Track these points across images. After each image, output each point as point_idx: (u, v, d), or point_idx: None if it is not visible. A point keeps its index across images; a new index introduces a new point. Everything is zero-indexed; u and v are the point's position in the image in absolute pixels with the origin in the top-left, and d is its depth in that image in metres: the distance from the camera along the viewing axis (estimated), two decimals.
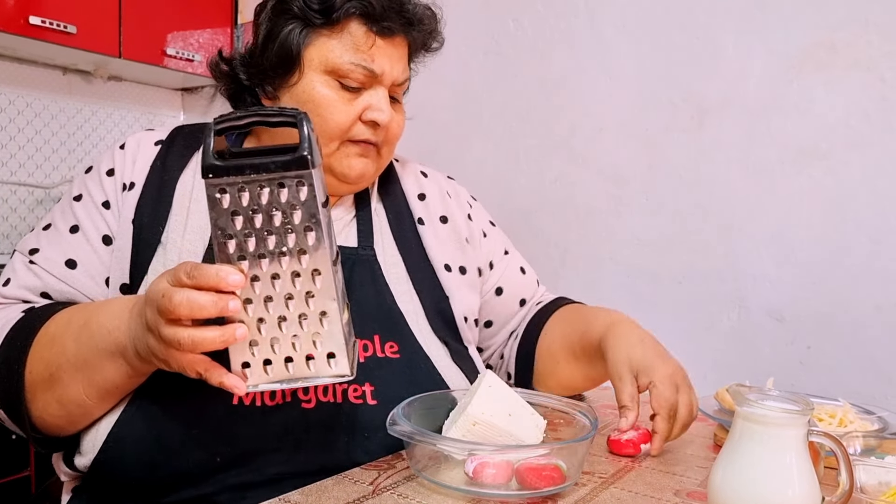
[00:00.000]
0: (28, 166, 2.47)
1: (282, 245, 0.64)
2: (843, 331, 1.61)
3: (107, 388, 0.77)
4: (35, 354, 0.78)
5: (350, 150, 0.90)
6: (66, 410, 0.78)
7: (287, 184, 0.62)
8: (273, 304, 0.65)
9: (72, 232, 0.88)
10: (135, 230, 0.87)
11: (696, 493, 0.76)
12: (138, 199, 0.88)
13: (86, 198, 0.90)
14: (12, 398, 0.78)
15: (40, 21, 2.10)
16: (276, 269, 0.64)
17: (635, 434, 0.88)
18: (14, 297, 0.86)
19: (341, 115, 0.88)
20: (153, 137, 0.94)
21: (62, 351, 0.77)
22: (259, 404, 0.80)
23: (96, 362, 0.75)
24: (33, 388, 0.78)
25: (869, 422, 0.95)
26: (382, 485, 0.74)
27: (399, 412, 0.75)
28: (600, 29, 1.96)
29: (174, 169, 0.91)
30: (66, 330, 0.78)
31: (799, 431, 0.63)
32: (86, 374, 0.76)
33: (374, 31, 0.88)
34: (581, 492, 0.74)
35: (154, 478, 0.78)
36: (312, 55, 0.88)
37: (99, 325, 0.75)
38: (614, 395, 0.92)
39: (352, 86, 0.88)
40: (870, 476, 0.72)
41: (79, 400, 0.77)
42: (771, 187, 1.70)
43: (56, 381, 0.77)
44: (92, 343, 0.75)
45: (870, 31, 1.57)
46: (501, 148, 2.15)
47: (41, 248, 0.87)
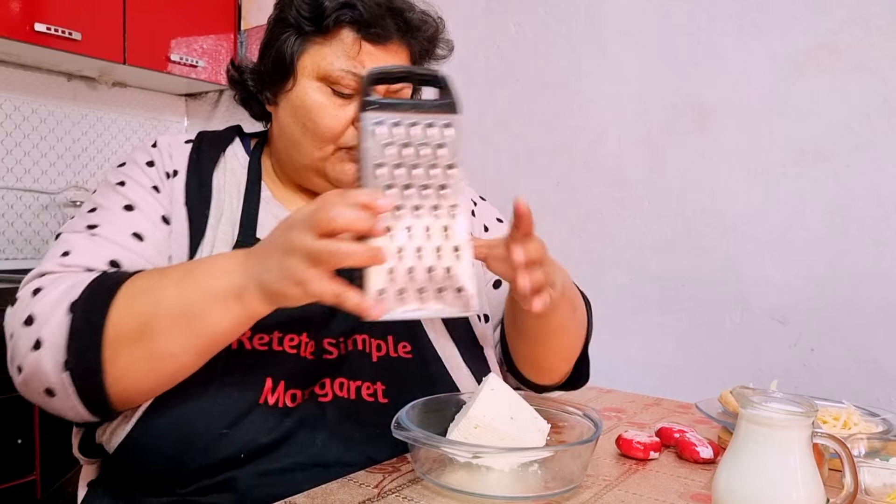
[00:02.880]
0: (33, 172, 2.48)
1: (426, 178, 0.69)
2: (846, 333, 1.60)
3: (210, 337, 0.74)
4: (123, 306, 0.73)
5: (344, 156, 0.92)
6: (156, 366, 0.74)
7: (436, 124, 0.70)
8: (412, 234, 0.69)
9: (127, 210, 0.87)
10: (188, 213, 0.89)
11: (700, 495, 0.76)
12: (185, 184, 0.91)
13: (131, 183, 0.89)
14: (88, 355, 0.72)
15: (45, 28, 2.11)
16: (418, 202, 0.69)
17: (647, 439, 0.88)
18: (77, 266, 0.80)
19: (332, 121, 0.90)
20: (181, 138, 0.98)
21: (159, 299, 0.73)
22: (281, 405, 0.81)
23: (203, 307, 0.72)
24: (117, 342, 0.73)
25: (873, 424, 0.95)
26: (387, 487, 0.74)
27: (404, 415, 0.76)
28: (601, 32, 1.97)
29: (207, 162, 0.95)
30: (162, 280, 0.74)
31: (803, 433, 0.63)
32: (188, 321, 0.72)
33: (364, 38, 0.90)
34: (585, 495, 0.75)
35: (177, 472, 0.79)
36: (306, 63, 0.91)
37: (204, 272, 0.73)
38: None
39: (344, 92, 0.90)
40: (874, 478, 0.72)
41: (174, 352, 0.73)
42: (773, 189, 1.70)
43: (150, 332, 0.72)
44: (198, 288, 0.72)
45: (871, 34, 1.57)
46: (503, 152, 2.15)
47: (99, 224, 0.84)
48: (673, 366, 1.83)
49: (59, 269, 0.80)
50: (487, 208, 1.15)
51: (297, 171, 0.96)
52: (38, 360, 0.73)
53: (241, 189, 0.95)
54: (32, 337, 0.73)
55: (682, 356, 1.83)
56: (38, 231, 2.49)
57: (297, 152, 0.94)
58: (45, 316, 0.73)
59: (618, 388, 1.31)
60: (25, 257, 2.46)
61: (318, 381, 0.84)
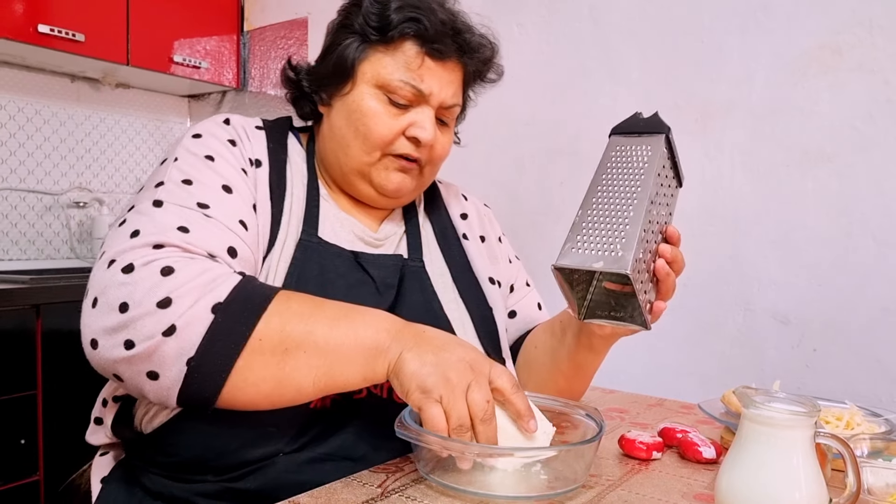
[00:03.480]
0: (37, 173, 2.48)
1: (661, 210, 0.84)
2: (849, 333, 1.60)
3: (336, 382, 0.74)
4: (272, 323, 0.72)
5: (390, 164, 0.95)
6: (280, 391, 0.73)
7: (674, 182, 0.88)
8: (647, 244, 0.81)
9: (226, 191, 0.84)
10: (271, 207, 0.89)
11: (703, 495, 0.76)
12: (269, 176, 0.91)
13: (220, 160, 0.86)
14: (219, 359, 0.71)
15: (49, 29, 2.12)
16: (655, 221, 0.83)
17: (650, 439, 0.88)
18: (201, 248, 0.77)
19: (384, 128, 0.92)
20: (251, 122, 0.95)
21: (310, 331, 0.73)
22: (320, 407, 0.83)
23: (346, 353, 0.73)
24: (255, 355, 0.72)
25: (876, 424, 0.95)
26: (391, 487, 0.74)
27: (407, 414, 0.76)
28: (604, 33, 1.97)
29: (281, 154, 0.95)
30: (317, 312, 0.74)
31: (806, 433, 0.63)
32: (328, 361, 0.73)
33: (425, 52, 0.92)
34: (588, 494, 0.75)
35: (215, 460, 0.80)
36: (366, 69, 0.94)
37: (365, 323, 0.74)
38: None
39: (399, 102, 0.93)
40: (877, 478, 0.72)
41: (302, 385, 0.73)
42: (776, 190, 1.70)
43: (289, 358, 0.72)
44: (351, 334, 0.73)
45: (874, 34, 1.57)
46: (507, 151, 2.16)
47: (209, 203, 0.81)
48: (675, 366, 1.83)
49: (183, 246, 0.76)
50: (507, 245, 1.20)
51: (342, 173, 0.97)
52: (162, 344, 0.70)
53: (303, 184, 0.96)
54: (165, 321, 0.70)
55: (685, 356, 1.82)
56: (41, 232, 2.50)
57: (344, 155, 0.95)
58: (185, 305, 0.70)
59: (620, 388, 1.31)
60: (29, 258, 2.47)
61: None
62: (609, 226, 0.79)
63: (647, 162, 0.82)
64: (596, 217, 0.80)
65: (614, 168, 0.84)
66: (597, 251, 0.77)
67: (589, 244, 0.79)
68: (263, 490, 0.79)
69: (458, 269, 1.03)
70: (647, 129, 0.84)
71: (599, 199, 0.82)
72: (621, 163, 0.84)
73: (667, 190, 0.85)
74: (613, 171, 0.83)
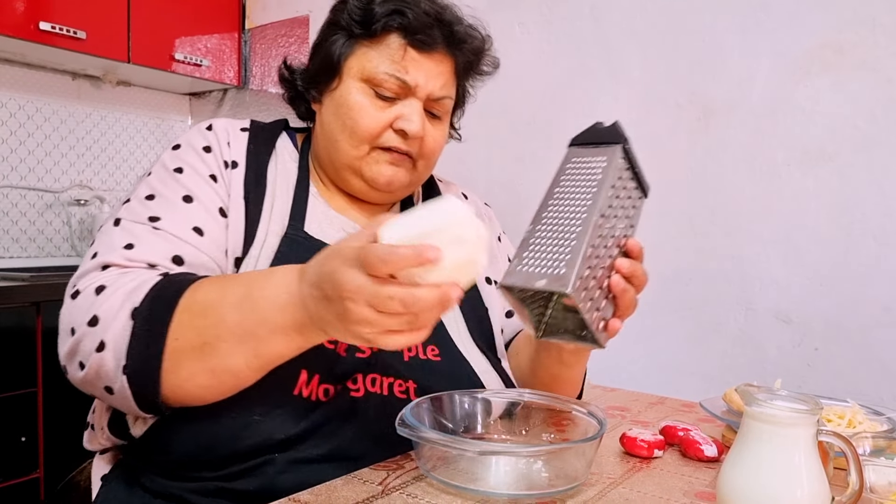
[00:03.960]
0: (38, 171, 2.48)
1: (620, 223, 0.80)
2: (850, 332, 1.60)
3: (272, 358, 0.75)
4: (183, 322, 0.74)
5: (380, 157, 0.95)
6: (218, 380, 0.75)
7: (635, 192, 0.82)
8: (599, 259, 0.77)
9: (186, 201, 0.87)
10: (246, 206, 0.90)
11: (704, 493, 0.76)
12: (244, 177, 0.92)
13: (188, 171, 0.89)
14: (149, 364, 0.74)
15: (50, 27, 2.12)
16: (610, 237, 0.78)
17: (651, 437, 0.88)
18: (140, 261, 0.81)
19: (371, 121, 0.92)
20: (237, 124, 0.97)
21: (219, 321, 0.73)
22: (314, 398, 0.83)
23: (265, 335, 0.73)
24: (178, 355, 0.74)
25: (878, 422, 0.95)
26: (392, 485, 0.74)
27: (408, 412, 0.76)
28: (605, 32, 1.97)
29: (263, 154, 0.96)
30: (222, 299, 0.74)
31: (808, 431, 0.63)
32: (251, 345, 0.73)
33: (409, 44, 0.93)
34: (589, 493, 0.75)
35: (206, 457, 0.80)
36: (352, 64, 0.94)
37: (265, 298, 0.72)
38: None
39: (386, 95, 0.93)
40: (879, 476, 0.72)
41: (237, 370, 0.75)
42: (778, 189, 1.70)
43: (212, 350, 0.74)
44: (259, 316, 0.72)
45: (877, 32, 1.57)
46: (508, 150, 2.15)
47: (161, 216, 0.85)
48: (677, 364, 1.83)
49: (123, 263, 0.80)
50: (508, 245, 1.19)
51: (335, 170, 0.98)
52: (101, 360, 0.75)
53: (291, 182, 0.96)
54: (97, 338, 0.75)
55: (687, 355, 1.82)
56: (41, 230, 2.50)
57: (334, 150, 0.95)
58: (108, 319, 0.75)
59: (622, 386, 1.31)
60: (29, 255, 2.46)
61: (351, 377, 0.85)
62: (556, 242, 0.75)
63: (602, 173, 0.77)
64: (544, 233, 0.76)
65: (568, 181, 0.80)
66: (541, 269, 0.73)
67: (535, 262, 0.74)
68: (262, 491, 0.78)
69: None
70: (604, 139, 0.81)
71: (549, 213, 0.78)
72: (575, 175, 0.80)
73: (625, 202, 0.81)
74: (566, 183, 0.80)
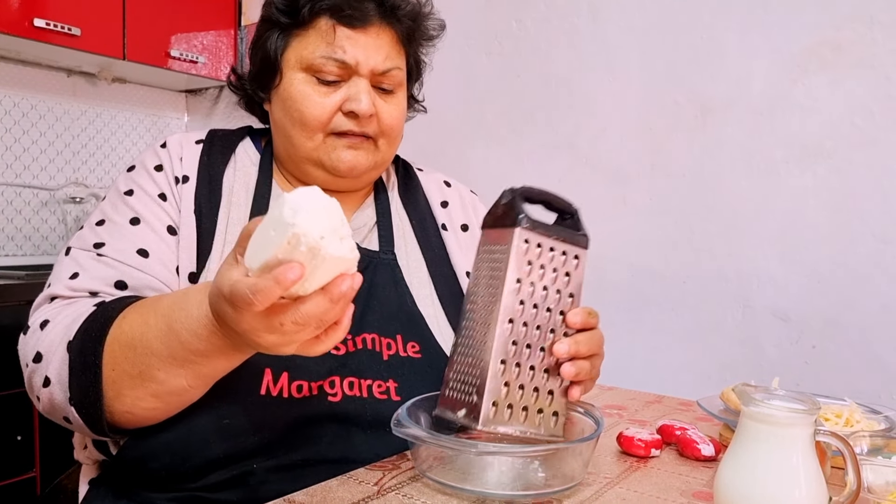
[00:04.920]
0: (33, 168, 2.47)
1: (551, 302, 0.73)
2: (848, 330, 1.60)
3: (216, 375, 0.74)
4: (115, 352, 0.74)
5: (337, 143, 0.93)
6: (164, 402, 0.75)
7: (569, 254, 0.74)
8: (530, 351, 0.72)
9: (133, 224, 0.87)
10: (197, 220, 0.89)
11: (702, 493, 0.76)
12: (195, 191, 0.91)
13: (138, 192, 0.90)
14: (89, 394, 0.74)
15: (45, 23, 2.11)
16: (541, 322, 0.72)
17: (649, 436, 0.88)
18: (83, 290, 0.82)
19: (318, 109, 0.91)
20: (192, 137, 0.97)
21: (148, 352, 0.72)
22: (287, 395, 0.81)
23: (198, 359, 0.71)
24: (117, 385, 0.74)
25: (875, 421, 0.94)
26: (387, 485, 0.74)
27: (404, 412, 0.75)
28: (603, 28, 1.96)
29: (218, 164, 0.95)
30: (145, 331, 0.73)
31: (806, 431, 0.63)
32: (189, 369, 0.72)
33: (339, 23, 0.91)
34: (586, 492, 0.74)
35: (182, 467, 0.79)
36: (289, 56, 0.93)
37: (186, 330, 0.70)
38: None
39: (329, 79, 0.91)
40: (877, 476, 0.71)
41: (180, 390, 0.74)
42: (775, 186, 1.69)
43: (149, 378, 0.73)
44: (185, 347, 0.71)
45: (874, 30, 1.56)
46: (505, 147, 2.15)
47: (105, 241, 0.85)
48: (674, 363, 1.83)
49: (67, 294, 0.82)
50: None
51: (296, 165, 0.96)
52: (50, 395, 0.77)
53: (250, 188, 0.95)
54: (42, 374, 0.77)
55: (684, 353, 1.82)
56: (37, 227, 2.49)
57: (290, 145, 0.94)
58: (49, 354, 0.77)
59: (619, 385, 1.31)
60: (24, 253, 2.45)
61: (328, 378, 0.84)
62: (471, 359, 0.71)
63: (503, 267, 0.70)
64: (463, 347, 0.73)
65: (480, 277, 0.74)
66: (462, 395, 0.70)
67: (457, 385, 0.71)
68: (244, 502, 0.78)
69: (435, 263, 1.00)
70: (504, 222, 0.73)
71: (466, 322, 0.74)
72: (485, 269, 0.73)
73: (549, 277, 0.73)
74: (479, 280, 0.74)
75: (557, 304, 0.73)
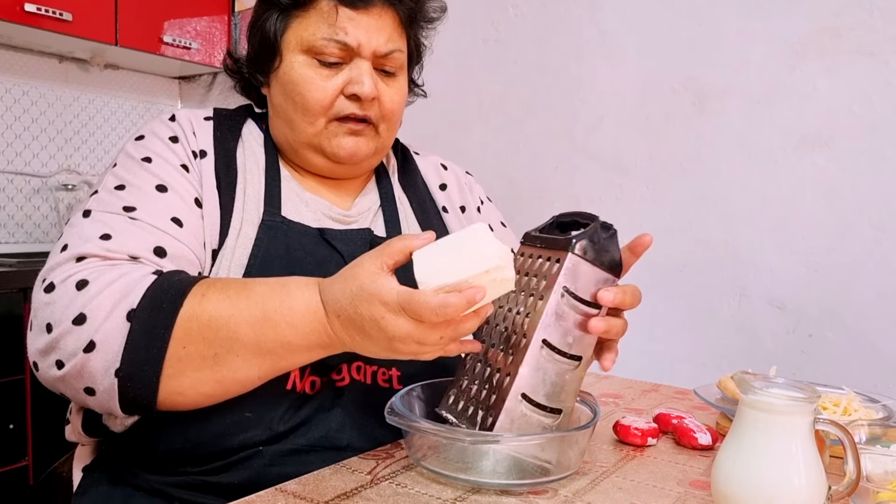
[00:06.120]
0: (25, 155, 2.45)
1: (514, 305, 0.75)
2: (845, 319, 1.60)
3: (287, 369, 0.76)
4: (191, 330, 0.71)
5: (338, 129, 0.91)
6: (224, 388, 0.74)
7: (552, 258, 0.74)
8: (488, 349, 0.75)
9: (160, 191, 0.83)
10: (219, 196, 0.87)
11: (698, 482, 0.75)
12: (214, 166, 0.88)
13: (158, 160, 0.86)
14: (145, 369, 0.70)
15: (35, 8, 2.08)
16: (505, 323, 0.75)
17: (645, 425, 0.87)
18: (121, 253, 0.76)
19: (320, 92, 0.89)
20: (200, 114, 0.94)
21: (233, 337, 0.71)
22: (300, 390, 0.81)
23: (285, 353, 0.72)
24: (183, 364, 0.71)
25: (874, 410, 0.94)
26: (381, 474, 0.73)
27: (398, 400, 0.74)
28: (600, 15, 1.94)
29: (230, 141, 0.93)
30: (234, 314, 0.71)
31: (805, 419, 0.62)
32: (269, 360, 0.73)
33: (342, 4, 0.89)
34: (582, 481, 0.74)
35: (193, 452, 0.78)
36: (290, 38, 0.91)
37: (286, 323, 0.71)
38: None
39: (330, 61, 0.89)
40: (875, 465, 0.71)
41: (248, 380, 0.74)
42: (773, 175, 1.68)
43: (223, 362, 0.72)
44: (279, 339, 0.71)
45: (874, 16, 1.55)
46: (502, 135, 2.13)
47: (136, 206, 0.80)
48: (671, 352, 1.82)
49: (102, 254, 0.76)
50: (493, 211, 1.15)
51: (295, 151, 0.94)
52: (87, 361, 0.70)
53: (261, 166, 0.93)
54: (84, 338, 0.70)
55: (680, 342, 1.82)
56: (29, 215, 2.47)
57: (291, 130, 0.92)
58: (99, 318, 0.70)
59: (615, 373, 1.30)
60: (17, 241, 2.44)
61: (337, 367, 0.84)
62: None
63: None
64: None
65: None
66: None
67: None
68: (247, 483, 0.77)
69: None
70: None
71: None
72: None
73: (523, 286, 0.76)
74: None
75: (524, 305, 0.74)
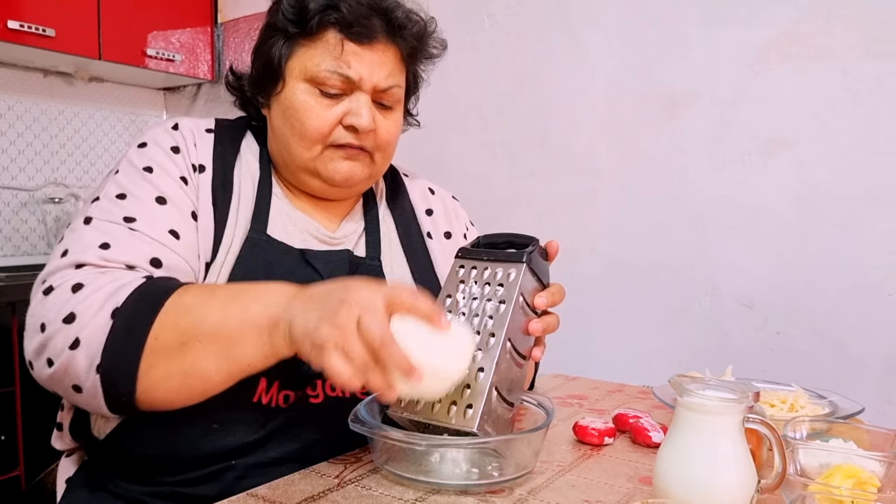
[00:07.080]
0: (11, 169, 2.48)
1: (478, 309, 0.80)
2: (811, 316, 1.64)
3: (240, 364, 0.75)
4: (167, 321, 0.74)
5: (334, 154, 0.94)
6: (188, 384, 0.75)
7: (505, 269, 0.81)
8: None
9: (159, 203, 0.86)
10: (214, 212, 0.89)
11: (647, 478, 0.79)
12: (211, 182, 0.91)
13: (159, 171, 0.88)
14: (123, 363, 0.73)
15: (19, 25, 2.11)
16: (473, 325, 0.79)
17: (602, 425, 0.91)
18: (118, 262, 0.80)
19: (319, 120, 0.92)
20: (202, 125, 0.96)
21: (201, 320, 0.74)
22: (274, 405, 0.85)
23: (240, 335, 0.73)
24: (156, 354, 0.74)
25: (820, 406, 0.99)
26: (348, 478, 0.77)
27: (362, 408, 0.78)
28: (572, 23, 1.99)
29: (229, 155, 0.95)
30: (209, 301, 0.75)
31: (735, 419, 0.66)
32: (223, 346, 0.74)
33: (347, 38, 0.91)
34: (538, 480, 0.78)
35: (166, 461, 0.82)
36: (293, 65, 0.93)
37: (256, 300, 0.74)
38: None
39: (331, 92, 0.92)
40: (811, 459, 0.76)
41: (206, 374, 0.75)
42: (740, 177, 1.73)
43: (188, 350, 0.74)
44: (243, 315, 0.73)
45: (832, 22, 1.60)
46: (479, 142, 2.18)
47: (136, 216, 0.84)
48: (644, 351, 1.87)
49: (99, 263, 0.79)
50: (476, 235, 1.18)
51: (291, 172, 0.97)
52: (72, 358, 0.74)
53: (255, 182, 0.96)
54: (71, 335, 0.74)
55: (654, 341, 1.86)
56: (17, 228, 2.50)
57: (288, 153, 0.95)
58: (87, 317, 0.74)
59: (591, 373, 1.35)
60: (5, 254, 2.46)
61: (311, 383, 0.87)
62: None
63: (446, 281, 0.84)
64: None
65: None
66: None
67: None
68: (221, 496, 0.79)
69: (420, 271, 1.03)
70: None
71: None
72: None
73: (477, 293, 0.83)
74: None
75: (487, 310, 0.80)
